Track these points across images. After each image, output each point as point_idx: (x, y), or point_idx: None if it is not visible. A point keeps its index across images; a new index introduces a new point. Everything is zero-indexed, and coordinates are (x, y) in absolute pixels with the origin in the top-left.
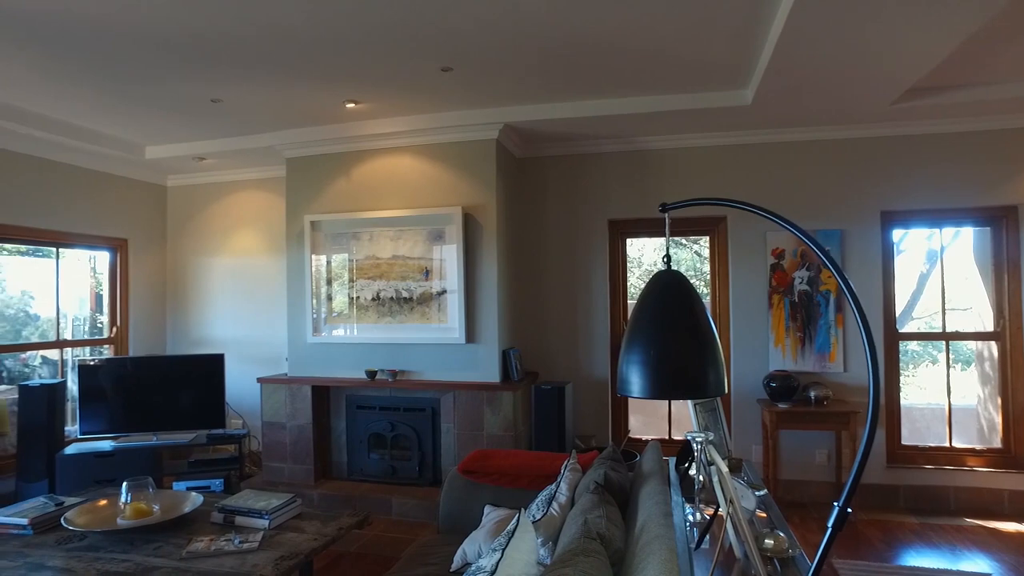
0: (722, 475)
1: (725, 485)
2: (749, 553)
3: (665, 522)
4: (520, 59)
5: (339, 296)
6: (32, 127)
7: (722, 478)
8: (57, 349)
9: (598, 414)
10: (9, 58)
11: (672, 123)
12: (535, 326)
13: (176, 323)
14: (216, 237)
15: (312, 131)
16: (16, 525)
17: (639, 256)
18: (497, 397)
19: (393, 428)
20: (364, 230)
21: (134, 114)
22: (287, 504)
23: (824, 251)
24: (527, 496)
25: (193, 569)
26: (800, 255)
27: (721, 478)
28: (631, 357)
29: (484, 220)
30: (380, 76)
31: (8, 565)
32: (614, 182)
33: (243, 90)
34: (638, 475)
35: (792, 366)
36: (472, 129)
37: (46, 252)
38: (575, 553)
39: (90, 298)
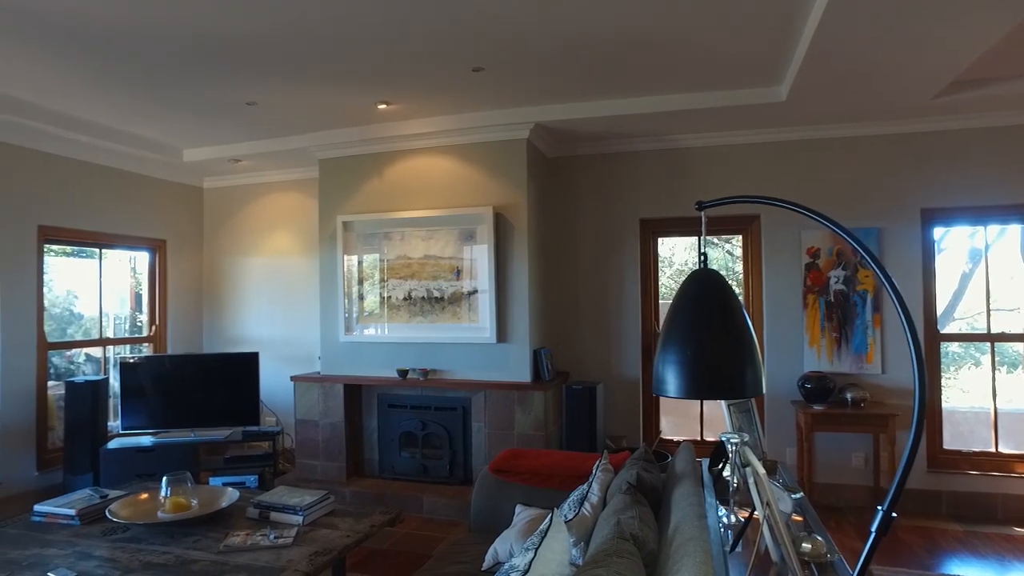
0: (759, 477)
1: (762, 487)
2: (786, 557)
3: (699, 524)
4: (552, 58)
5: (371, 296)
6: (77, 132)
7: (759, 480)
8: (100, 347)
9: (629, 414)
10: (54, 66)
11: (705, 121)
12: (566, 326)
13: (212, 322)
14: (251, 238)
15: (344, 132)
16: (65, 516)
17: (670, 256)
18: (528, 397)
19: (424, 427)
20: (396, 230)
21: (172, 118)
22: (321, 501)
23: (868, 250)
24: (558, 496)
25: (231, 563)
26: (836, 254)
27: (758, 480)
28: (667, 356)
29: (515, 220)
30: (412, 77)
31: (59, 553)
32: (646, 181)
33: (277, 93)
34: (671, 476)
35: (828, 367)
36: (503, 129)
37: (89, 253)
38: (608, 554)
39: (130, 297)
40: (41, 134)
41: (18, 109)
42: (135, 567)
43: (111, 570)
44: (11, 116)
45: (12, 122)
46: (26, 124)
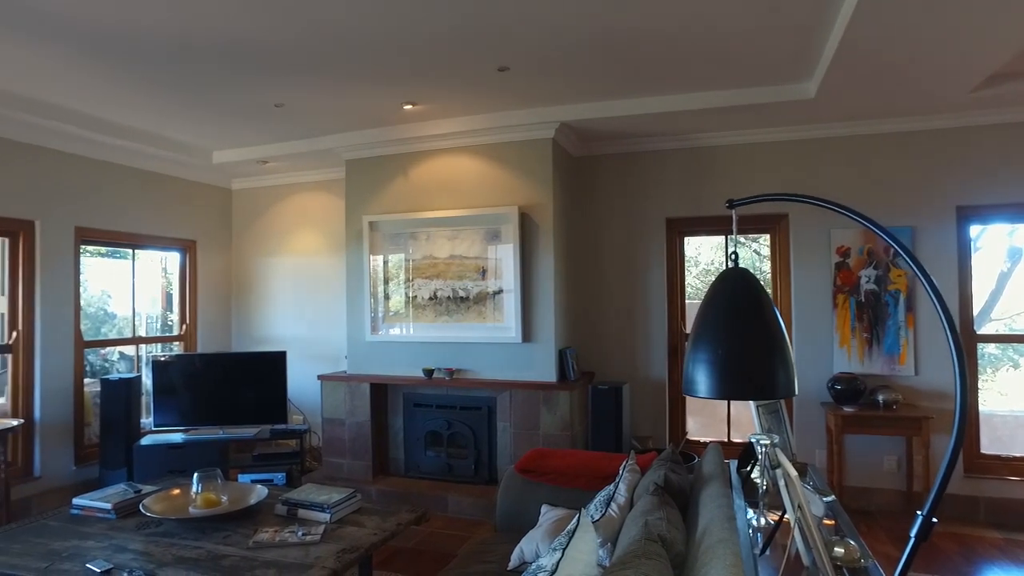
0: (790, 479)
1: (793, 489)
2: (818, 561)
3: (728, 526)
4: (577, 57)
5: (397, 295)
6: (112, 136)
7: (790, 482)
8: (133, 345)
9: (655, 415)
10: (91, 72)
11: (731, 119)
12: (591, 326)
13: (240, 321)
14: (278, 238)
15: (371, 133)
16: (102, 509)
17: (696, 255)
18: (553, 397)
19: (450, 426)
20: (421, 230)
21: (202, 120)
22: (348, 499)
23: (907, 250)
24: (584, 496)
25: (260, 559)
26: (867, 253)
27: (789, 482)
28: (697, 356)
29: (540, 219)
30: (437, 77)
31: (96, 545)
32: (672, 180)
33: (305, 94)
34: (698, 477)
35: (858, 368)
36: (528, 128)
37: (123, 253)
38: (636, 555)
39: (161, 297)
40: (77, 139)
41: (57, 114)
42: (168, 561)
43: (145, 563)
44: (50, 121)
45: (51, 127)
46: (64, 129)
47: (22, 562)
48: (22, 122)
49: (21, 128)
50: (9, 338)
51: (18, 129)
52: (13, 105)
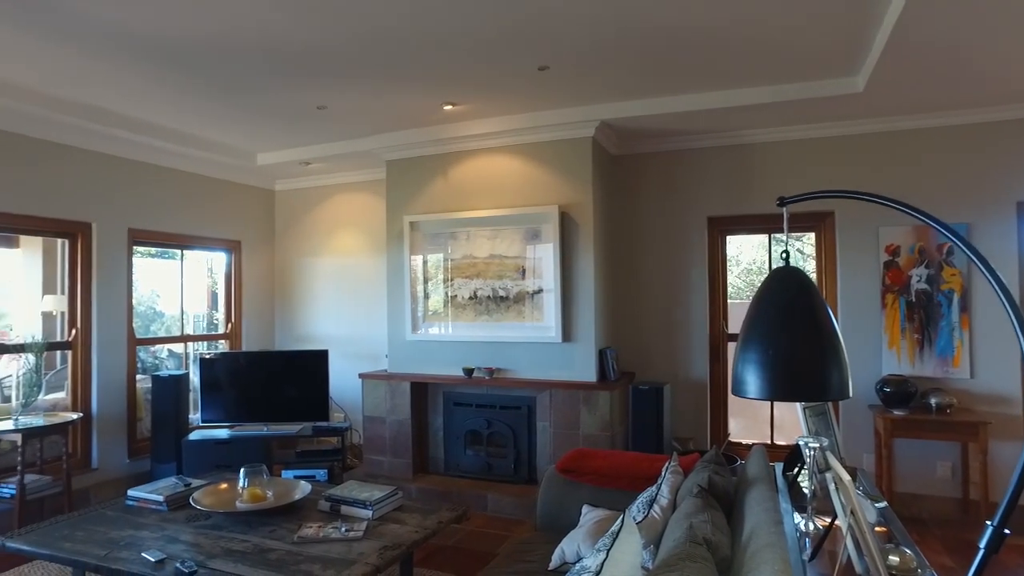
0: (842, 483)
1: (847, 494)
2: (872, 569)
3: (776, 530)
4: (618, 55)
5: (437, 295)
6: (162, 140)
7: (843, 487)
8: (182, 343)
9: (696, 416)
10: (141, 77)
11: (775, 115)
12: (631, 325)
13: (283, 320)
14: (320, 238)
15: (411, 134)
16: (154, 501)
17: (737, 255)
18: (593, 397)
19: (489, 425)
20: (461, 230)
21: (247, 123)
22: (389, 496)
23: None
24: (625, 497)
25: (304, 553)
26: (918, 251)
27: (841, 487)
28: (747, 356)
29: (580, 219)
30: (477, 77)
31: (150, 536)
32: (713, 178)
33: (346, 96)
34: (742, 480)
35: (909, 370)
36: (568, 127)
37: (171, 254)
38: (681, 558)
39: (207, 296)
40: (130, 143)
41: (112, 120)
42: (217, 553)
43: (196, 554)
44: (106, 126)
45: (106, 132)
46: (118, 134)
47: (84, 548)
48: (81, 128)
49: (80, 134)
50: (69, 335)
51: (77, 135)
52: (72, 112)
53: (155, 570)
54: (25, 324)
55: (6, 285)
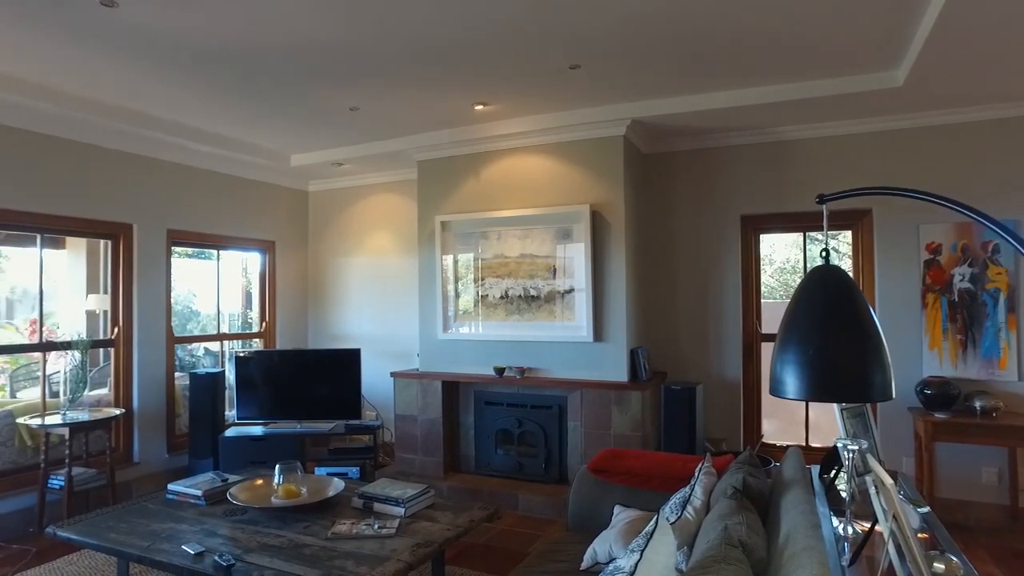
0: (884, 487)
1: (889, 498)
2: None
3: (813, 534)
4: (650, 53)
5: (468, 294)
6: (199, 142)
7: (884, 490)
8: (218, 341)
9: (729, 417)
10: (180, 82)
11: (810, 111)
12: (663, 325)
13: (316, 319)
14: (352, 238)
15: (442, 134)
16: (193, 496)
17: (770, 253)
18: (625, 397)
19: (520, 424)
20: (492, 229)
21: (281, 125)
22: (421, 494)
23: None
24: (658, 498)
25: (338, 549)
26: (961, 250)
27: (883, 490)
28: (786, 356)
29: (612, 218)
30: (508, 77)
31: (189, 529)
32: (746, 176)
33: (379, 98)
34: (778, 482)
35: (951, 372)
36: (599, 126)
37: (207, 254)
38: (716, 560)
39: (241, 296)
40: (169, 146)
41: (152, 124)
42: (254, 547)
43: (233, 548)
44: (146, 130)
45: (146, 136)
46: (158, 137)
47: (128, 540)
48: (123, 132)
49: (122, 138)
50: (111, 333)
51: (119, 139)
52: (115, 116)
53: (195, 562)
54: (70, 323)
55: (53, 285)
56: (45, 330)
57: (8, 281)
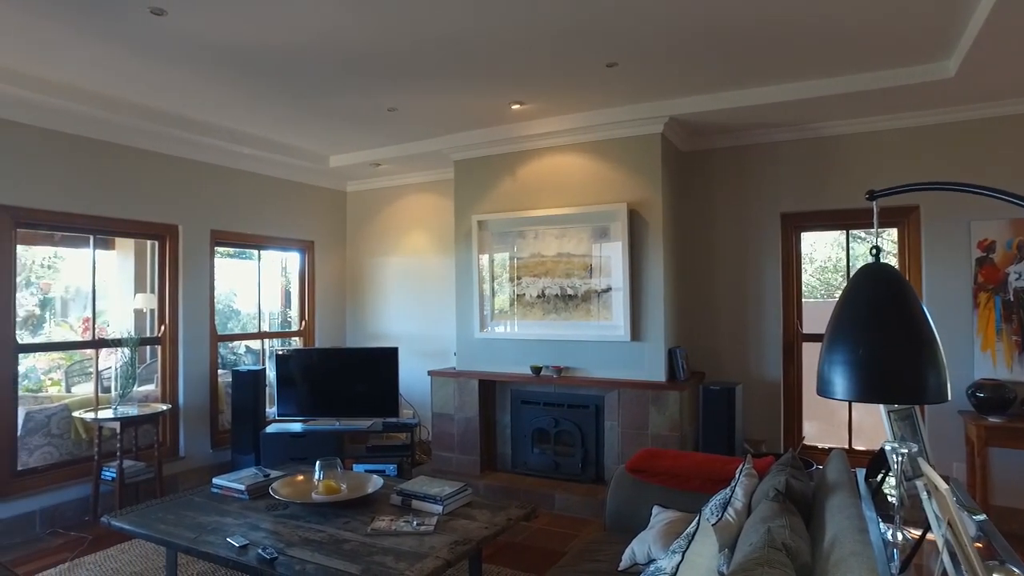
0: (938, 492)
1: (943, 504)
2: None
3: (861, 538)
4: (689, 49)
5: (504, 293)
6: (240, 144)
7: (938, 495)
8: (259, 340)
9: (768, 418)
10: (223, 86)
11: (854, 106)
12: (701, 325)
13: (354, 318)
14: (389, 238)
15: (479, 134)
16: (237, 490)
17: (810, 252)
18: (663, 396)
19: (557, 424)
20: (529, 228)
21: (320, 127)
22: (459, 492)
23: None
24: (697, 499)
25: (377, 545)
26: (1017, 247)
27: (936, 495)
28: (834, 357)
29: (649, 216)
30: (545, 76)
31: (233, 522)
32: (787, 173)
33: (416, 98)
34: (821, 485)
35: (1006, 374)
36: (636, 124)
37: (248, 254)
38: (759, 563)
39: (280, 295)
40: (212, 148)
41: (196, 128)
42: (295, 541)
43: (276, 542)
44: (189, 134)
45: (192, 139)
46: (201, 140)
47: (176, 531)
48: (168, 135)
49: (168, 142)
50: (158, 331)
51: (166, 143)
52: (160, 121)
53: (239, 555)
54: (119, 321)
55: (103, 285)
56: (97, 328)
57: (63, 281)
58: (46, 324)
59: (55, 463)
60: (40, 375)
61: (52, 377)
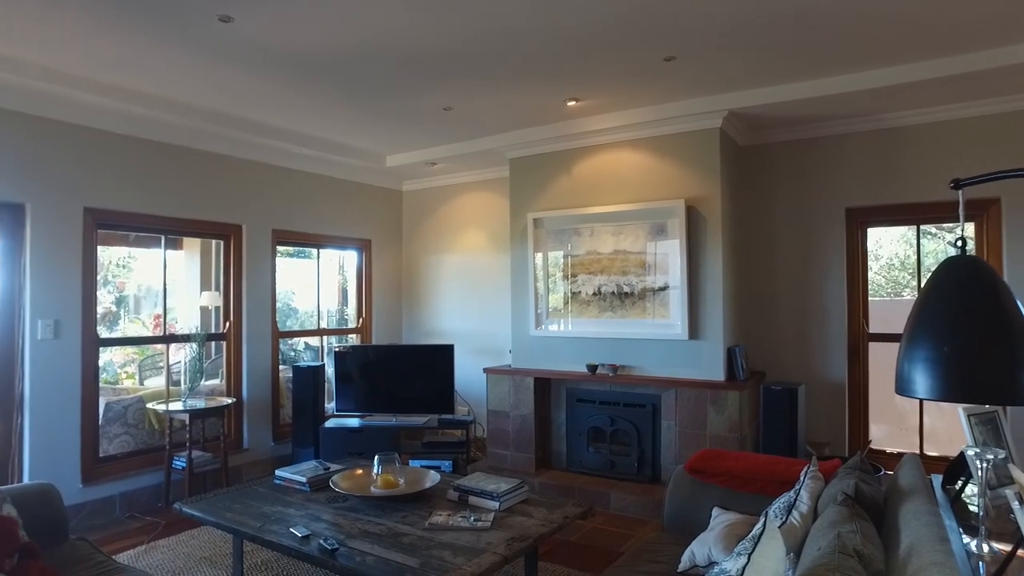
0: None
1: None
2: None
3: (942, 548)
4: (748, 40)
5: (560, 291)
6: (301, 146)
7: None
8: (318, 336)
9: (832, 421)
10: (286, 89)
11: (926, 94)
12: (761, 323)
13: (410, 315)
14: (444, 237)
15: (534, 131)
16: (298, 482)
17: (875, 249)
18: (721, 396)
19: (612, 423)
20: (585, 226)
21: (377, 127)
22: (516, 489)
23: None
24: (758, 501)
25: (435, 539)
26: None
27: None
28: (916, 354)
29: (707, 212)
30: (602, 71)
31: (296, 513)
32: (852, 166)
33: (472, 96)
34: (894, 491)
35: None
36: (694, 119)
37: (306, 253)
38: (829, 569)
39: (337, 293)
40: (274, 150)
41: (258, 130)
42: (355, 533)
43: (336, 533)
44: (252, 135)
45: (254, 140)
46: (263, 142)
47: (242, 519)
48: (233, 139)
49: (232, 144)
50: (223, 327)
51: (230, 145)
52: (227, 124)
53: (302, 544)
54: (186, 318)
55: (172, 283)
56: (167, 324)
57: (135, 280)
58: (121, 321)
59: (131, 451)
60: (116, 369)
61: (127, 371)
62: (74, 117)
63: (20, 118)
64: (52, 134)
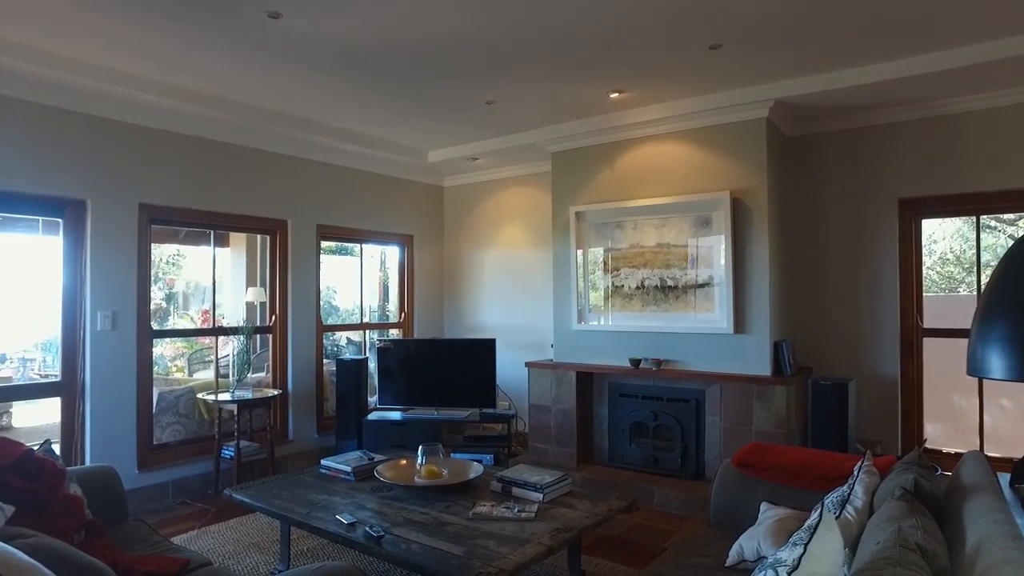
0: None
1: None
2: None
3: (1015, 546)
4: (797, 25)
5: (603, 285)
6: (344, 142)
7: None
8: (361, 331)
9: (884, 418)
10: (331, 84)
11: (986, 78)
12: (809, 317)
13: (452, 310)
14: (486, 231)
15: (576, 124)
16: (343, 471)
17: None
18: (768, 391)
19: (656, 418)
20: (628, 219)
21: (420, 123)
22: (559, 481)
23: None
24: (807, 497)
25: (479, 529)
26: None
27: None
28: (989, 335)
29: (753, 205)
30: (645, 62)
31: (341, 501)
32: (905, 156)
33: (513, 91)
34: (956, 488)
35: None
36: (740, 109)
37: (348, 249)
38: (890, 563)
39: (379, 288)
40: (318, 146)
41: (303, 126)
42: (400, 522)
43: (382, 521)
44: (297, 132)
45: (299, 137)
46: (308, 138)
47: (289, 506)
48: (278, 135)
49: (277, 140)
50: (270, 321)
51: (275, 142)
52: (272, 120)
53: (348, 531)
54: (232, 314)
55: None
56: (215, 319)
57: (184, 277)
58: (171, 317)
59: (183, 440)
60: (167, 362)
61: (177, 364)
62: (130, 116)
63: (83, 119)
64: (110, 133)
